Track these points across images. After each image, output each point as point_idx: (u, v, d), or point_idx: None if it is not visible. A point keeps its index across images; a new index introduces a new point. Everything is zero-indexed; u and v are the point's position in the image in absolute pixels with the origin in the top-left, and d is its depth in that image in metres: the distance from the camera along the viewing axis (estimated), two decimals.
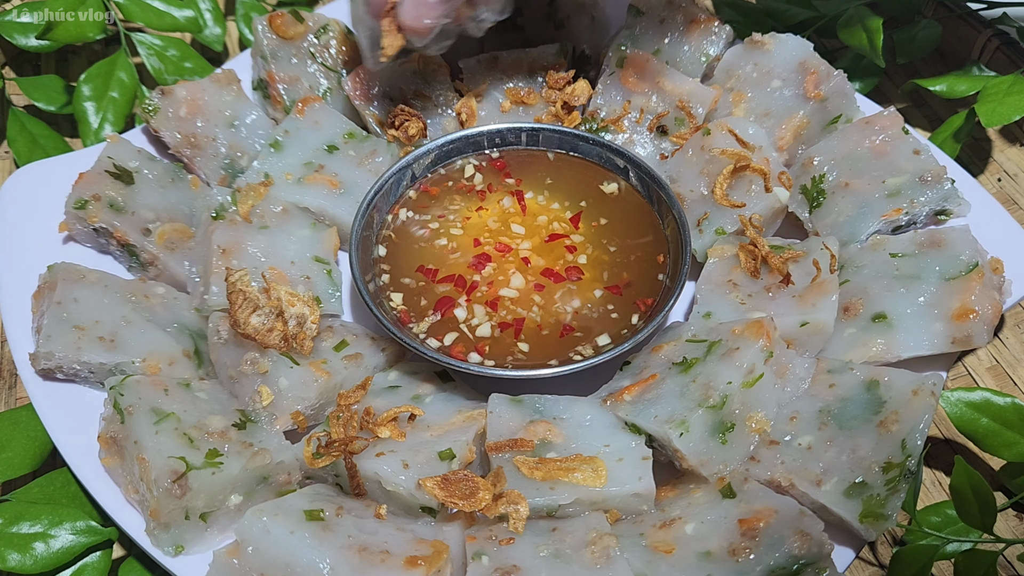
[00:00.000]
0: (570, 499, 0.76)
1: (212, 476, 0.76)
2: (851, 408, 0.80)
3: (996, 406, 0.82)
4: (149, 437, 0.77)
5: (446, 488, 0.75)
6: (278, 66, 1.10)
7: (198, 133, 1.05)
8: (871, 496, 0.74)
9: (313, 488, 0.79)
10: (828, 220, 0.97)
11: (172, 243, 0.97)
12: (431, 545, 0.73)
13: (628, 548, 0.74)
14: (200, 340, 0.91)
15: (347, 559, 0.70)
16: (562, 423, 0.81)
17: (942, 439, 0.92)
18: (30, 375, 0.86)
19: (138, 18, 1.16)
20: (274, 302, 0.85)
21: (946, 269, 0.88)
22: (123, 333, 0.87)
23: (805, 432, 0.80)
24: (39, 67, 1.26)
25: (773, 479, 0.78)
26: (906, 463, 0.75)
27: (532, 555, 0.73)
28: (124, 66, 1.15)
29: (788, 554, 0.71)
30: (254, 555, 0.71)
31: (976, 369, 0.96)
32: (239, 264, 0.90)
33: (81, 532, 0.80)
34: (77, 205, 0.94)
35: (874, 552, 0.84)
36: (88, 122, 1.12)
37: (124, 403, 0.79)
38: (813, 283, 0.88)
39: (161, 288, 0.94)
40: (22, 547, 0.79)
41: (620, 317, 0.92)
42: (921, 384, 0.79)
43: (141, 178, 0.99)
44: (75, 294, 0.88)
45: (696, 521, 0.76)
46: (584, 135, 1.04)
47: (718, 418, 0.78)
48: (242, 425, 0.82)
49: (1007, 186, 1.12)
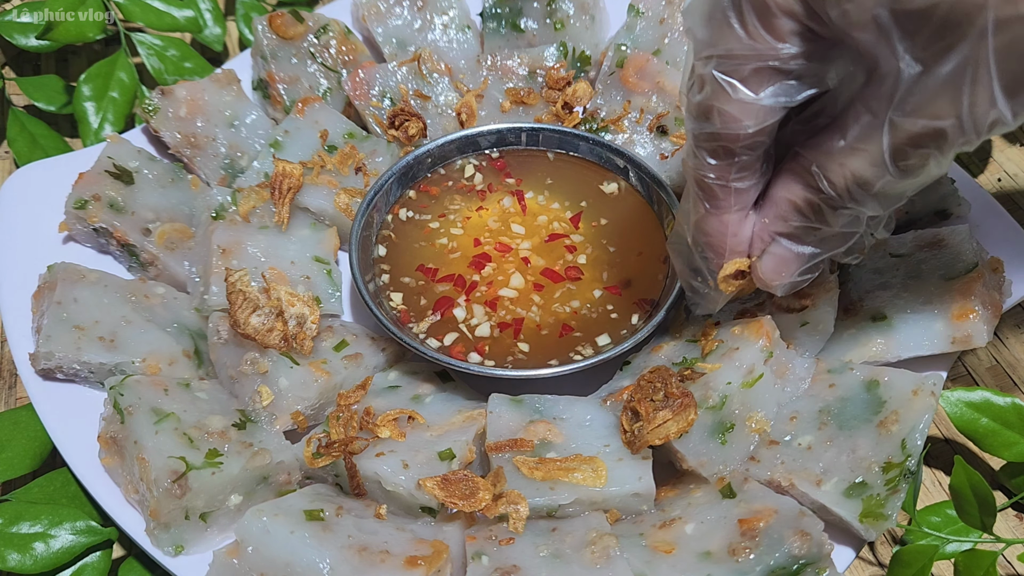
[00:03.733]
0: (570, 499, 0.76)
1: (212, 476, 0.76)
2: (851, 408, 0.80)
3: (996, 406, 0.82)
4: (149, 437, 0.77)
5: (446, 488, 0.75)
6: (278, 66, 1.10)
7: (198, 133, 1.05)
8: (871, 496, 0.74)
9: (313, 488, 0.79)
10: None
11: (172, 243, 0.97)
12: (431, 545, 0.72)
13: (628, 548, 0.74)
14: (200, 340, 0.91)
15: (347, 559, 0.70)
16: (562, 423, 0.81)
17: (942, 439, 0.92)
18: (30, 375, 0.86)
19: (138, 18, 1.16)
20: (274, 302, 0.85)
21: (946, 269, 0.87)
22: (123, 333, 0.87)
23: (805, 432, 0.80)
24: (39, 67, 1.26)
25: (773, 479, 0.78)
26: (906, 463, 0.75)
27: (532, 555, 0.73)
28: (124, 66, 1.15)
29: (788, 554, 0.70)
30: (254, 555, 0.71)
31: (976, 369, 0.96)
32: (239, 264, 0.90)
33: (81, 532, 0.80)
34: (77, 205, 0.94)
35: (874, 552, 0.84)
36: (88, 122, 1.12)
37: (124, 403, 0.79)
38: (813, 283, 0.88)
39: (161, 288, 0.94)
40: (22, 547, 0.79)
41: (620, 317, 0.92)
42: (921, 384, 0.79)
43: (141, 178, 0.99)
44: (75, 294, 0.88)
45: (696, 521, 0.75)
46: (584, 135, 1.04)
47: (718, 418, 0.78)
48: (242, 425, 0.82)
49: (1007, 186, 1.12)
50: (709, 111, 0.67)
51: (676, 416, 0.75)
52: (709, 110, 0.67)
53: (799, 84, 0.65)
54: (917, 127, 0.58)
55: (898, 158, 0.61)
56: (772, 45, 0.62)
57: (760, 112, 0.65)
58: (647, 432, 0.76)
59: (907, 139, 0.60)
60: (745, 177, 0.70)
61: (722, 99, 0.65)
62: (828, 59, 0.64)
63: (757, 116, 0.65)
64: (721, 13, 0.63)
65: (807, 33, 0.61)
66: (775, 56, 0.62)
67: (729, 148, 0.68)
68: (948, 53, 0.55)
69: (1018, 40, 0.52)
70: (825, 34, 0.61)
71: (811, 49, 0.62)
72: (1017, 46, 0.53)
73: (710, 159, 0.69)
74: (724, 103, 0.65)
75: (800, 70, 0.64)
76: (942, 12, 0.53)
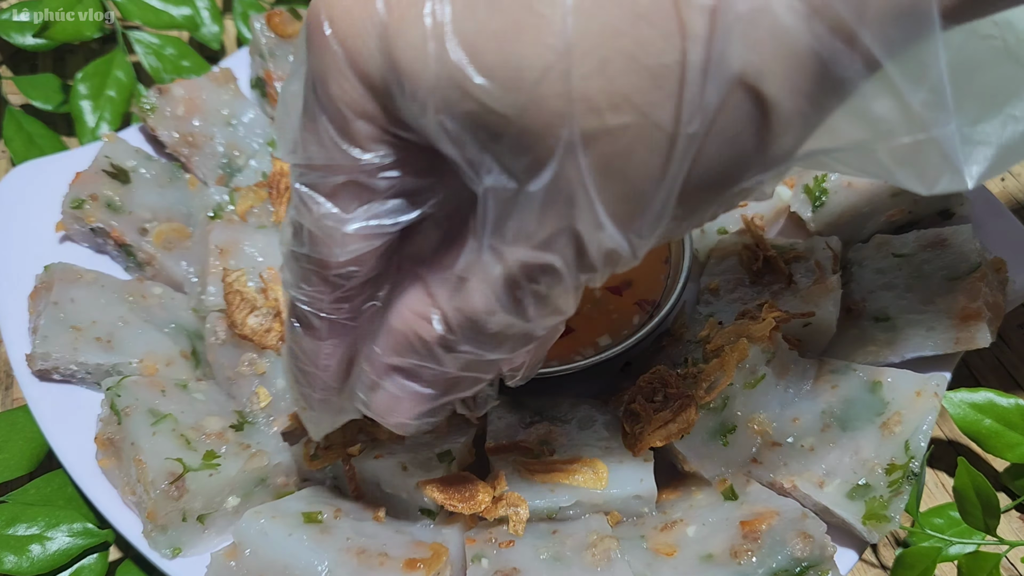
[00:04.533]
0: (571, 501, 0.75)
1: (209, 478, 0.75)
2: (854, 409, 0.79)
3: (1000, 407, 0.82)
4: (146, 438, 0.76)
5: (445, 490, 0.74)
6: (276, 64, 1.09)
7: (195, 132, 1.04)
8: (874, 498, 0.74)
9: (311, 490, 0.79)
10: (831, 220, 0.96)
11: (169, 243, 0.96)
12: (430, 548, 0.72)
13: (629, 550, 0.74)
14: (197, 341, 0.90)
15: (345, 561, 0.70)
16: (562, 424, 0.81)
17: (945, 440, 0.91)
18: (26, 376, 0.85)
19: (135, 16, 1.15)
20: (272, 302, 0.84)
21: (949, 269, 0.87)
22: (120, 334, 0.86)
23: (807, 433, 0.79)
24: (36, 66, 1.25)
25: (775, 481, 0.77)
26: (909, 465, 0.74)
27: (532, 557, 0.72)
28: (121, 64, 1.14)
29: (790, 556, 0.70)
30: (252, 557, 0.70)
31: (979, 370, 0.96)
32: (237, 264, 0.90)
33: (78, 534, 0.80)
34: (74, 205, 0.94)
35: (876, 554, 0.83)
36: (84, 121, 1.11)
37: (121, 404, 0.79)
38: (815, 283, 0.88)
39: (158, 288, 0.93)
40: (19, 549, 0.78)
41: (620, 317, 0.91)
42: (924, 385, 0.78)
43: (138, 177, 0.98)
44: (72, 294, 0.87)
45: (698, 523, 0.75)
46: None
47: (719, 420, 0.78)
48: (240, 426, 0.81)
49: (1011, 186, 1.12)
50: (299, 229, 0.53)
51: (676, 417, 0.74)
52: (299, 228, 0.53)
53: (399, 204, 0.51)
54: (521, 257, 0.47)
55: (511, 293, 0.49)
56: (349, 154, 0.48)
57: (348, 238, 0.51)
58: (647, 433, 0.75)
59: (517, 271, 0.48)
60: (343, 310, 0.56)
61: (307, 218, 0.52)
62: (434, 172, 0.50)
63: (345, 242, 0.51)
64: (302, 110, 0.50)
65: (395, 141, 0.48)
66: (356, 168, 0.49)
67: (322, 275, 0.54)
68: (539, 170, 0.44)
69: (614, 157, 0.42)
70: (420, 141, 0.48)
71: (405, 159, 0.49)
72: (614, 164, 0.42)
73: (302, 283, 0.55)
74: (310, 224, 0.52)
75: (397, 187, 0.50)
76: (516, 122, 0.42)
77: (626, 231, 0.45)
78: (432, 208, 0.52)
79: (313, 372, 0.60)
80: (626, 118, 0.41)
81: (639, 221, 0.45)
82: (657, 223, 0.45)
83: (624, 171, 0.43)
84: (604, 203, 0.44)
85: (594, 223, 0.45)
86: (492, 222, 0.47)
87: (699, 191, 0.45)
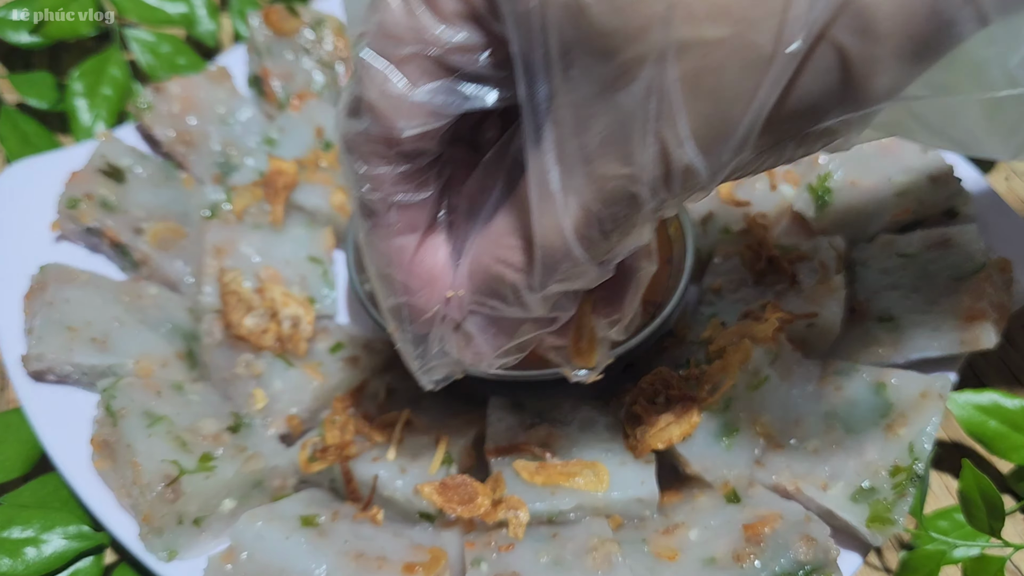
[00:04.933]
0: (571, 504, 0.74)
1: (205, 480, 0.75)
2: (858, 411, 0.78)
3: (1005, 409, 0.81)
4: (141, 440, 0.75)
5: (444, 493, 0.73)
6: (273, 61, 1.08)
7: (191, 130, 1.03)
8: (878, 501, 0.73)
9: (308, 493, 0.78)
10: (835, 219, 0.96)
11: (165, 243, 0.95)
12: (429, 551, 0.71)
13: (630, 554, 0.73)
14: (193, 341, 0.89)
15: (343, 565, 0.69)
16: (563, 427, 0.80)
17: (950, 442, 0.90)
18: (21, 377, 0.85)
19: (131, 13, 1.14)
20: (268, 303, 0.83)
21: (954, 269, 0.86)
22: (115, 334, 0.86)
23: (811, 436, 0.78)
24: (31, 63, 1.24)
25: (778, 484, 0.76)
26: (914, 467, 0.74)
27: (532, 561, 0.71)
28: (117, 62, 1.13)
29: (793, 559, 0.69)
30: (249, 560, 0.70)
31: (984, 371, 0.95)
32: (233, 264, 0.89)
33: (73, 537, 0.79)
34: (69, 204, 0.93)
35: (880, 558, 0.83)
36: (80, 119, 1.10)
37: (116, 406, 0.78)
38: (819, 283, 0.87)
39: (154, 288, 0.92)
40: (13, 552, 0.78)
41: None
42: (929, 386, 0.77)
43: (134, 176, 0.98)
44: (67, 295, 0.86)
45: (700, 527, 0.74)
46: None
47: (722, 422, 0.77)
48: (236, 428, 0.80)
49: (1016, 185, 1.11)
50: (358, 105, 0.50)
51: (678, 419, 0.74)
52: (358, 104, 0.50)
53: (471, 90, 0.49)
54: (602, 172, 0.45)
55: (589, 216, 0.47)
56: (431, 24, 0.46)
57: (415, 109, 0.49)
58: (649, 435, 0.74)
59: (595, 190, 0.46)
60: (408, 189, 0.53)
61: (370, 88, 0.49)
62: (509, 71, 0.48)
63: (411, 113, 0.49)
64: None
65: (479, 26, 0.46)
66: (434, 41, 0.47)
67: (383, 154, 0.51)
68: (626, 77, 0.42)
69: (705, 72, 0.41)
70: (503, 35, 0.46)
71: (488, 44, 0.47)
72: (704, 80, 0.41)
73: (363, 164, 0.52)
74: (373, 94, 0.49)
75: (474, 71, 0.48)
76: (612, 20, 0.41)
77: (707, 154, 0.44)
78: (502, 103, 0.50)
79: (391, 275, 0.57)
80: (724, 31, 0.40)
81: (721, 145, 0.43)
82: (739, 149, 0.44)
83: (713, 89, 0.42)
84: (690, 121, 0.43)
85: (676, 140, 0.43)
86: (570, 132, 0.45)
87: (785, 121, 0.44)
